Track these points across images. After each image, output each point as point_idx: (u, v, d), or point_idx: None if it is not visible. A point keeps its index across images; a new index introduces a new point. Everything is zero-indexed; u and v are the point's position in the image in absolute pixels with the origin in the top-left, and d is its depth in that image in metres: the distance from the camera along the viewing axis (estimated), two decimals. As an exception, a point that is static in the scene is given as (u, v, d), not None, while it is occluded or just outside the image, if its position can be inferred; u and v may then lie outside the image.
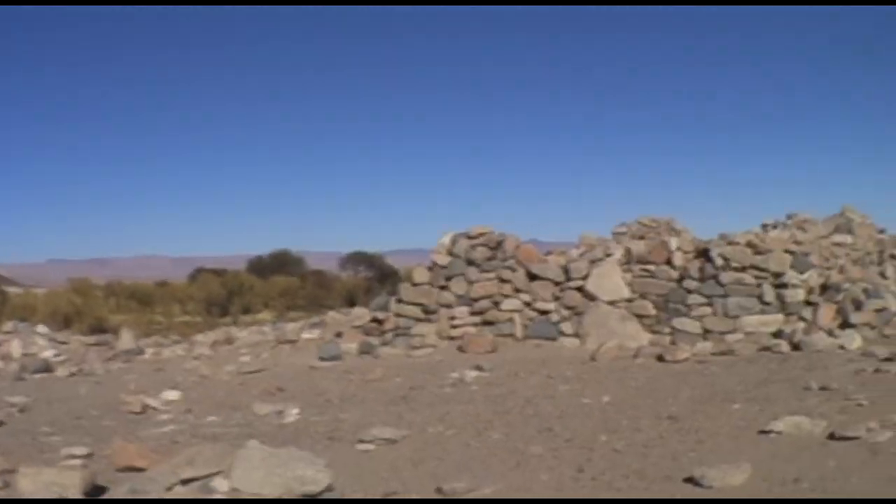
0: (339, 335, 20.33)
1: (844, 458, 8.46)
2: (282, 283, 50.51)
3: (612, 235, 24.36)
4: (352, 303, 35.43)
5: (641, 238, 22.55)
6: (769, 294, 17.87)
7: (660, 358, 16.01)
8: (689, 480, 7.95)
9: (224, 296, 47.40)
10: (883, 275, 21.72)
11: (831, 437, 9.35)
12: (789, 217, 22.82)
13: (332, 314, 23.78)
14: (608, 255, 19.53)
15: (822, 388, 12.13)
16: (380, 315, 20.24)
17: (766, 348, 16.30)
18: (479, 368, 15.66)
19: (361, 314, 21.48)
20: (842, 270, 19.20)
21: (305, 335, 21.08)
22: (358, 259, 58.56)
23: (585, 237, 22.17)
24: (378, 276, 50.81)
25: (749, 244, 18.27)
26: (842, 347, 15.71)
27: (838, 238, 21.91)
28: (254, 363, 18.24)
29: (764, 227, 21.86)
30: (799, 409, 10.72)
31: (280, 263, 58.70)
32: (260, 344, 21.05)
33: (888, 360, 14.05)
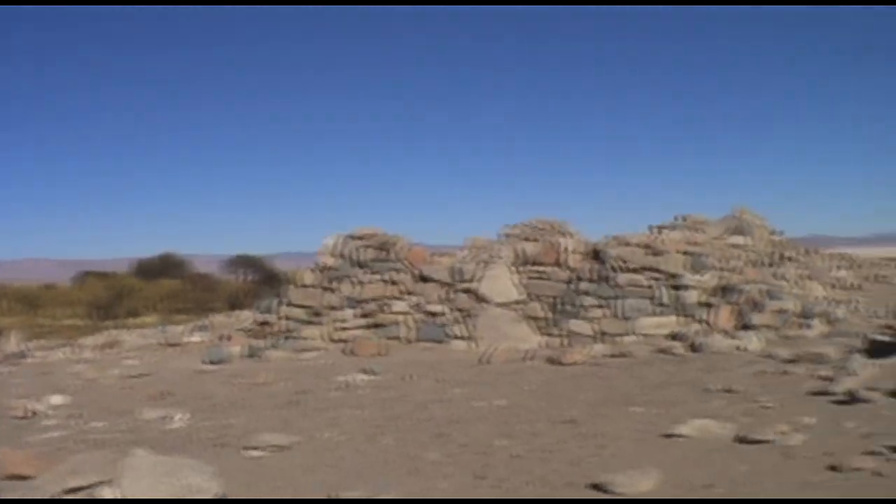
0: (225, 338, 19.55)
1: (756, 462, 8.07)
2: (167, 286, 49.67)
3: (501, 237, 23.95)
4: (236, 306, 35.05)
5: (528, 240, 22.08)
6: (665, 295, 17.49)
7: (553, 360, 15.45)
8: (596, 487, 7.45)
9: (110, 299, 45.73)
10: (777, 276, 21.45)
11: (740, 440, 8.96)
12: (677, 219, 22.71)
13: (217, 317, 23.08)
14: (494, 257, 19.01)
15: (725, 391, 11.79)
16: (266, 318, 19.57)
17: (663, 350, 15.85)
18: (368, 372, 15.08)
19: (248, 317, 20.78)
20: (738, 272, 18.88)
21: (191, 338, 20.38)
22: (242, 262, 57.62)
23: (473, 239, 21.64)
24: (262, 279, 50.19)
25: (644, 245, 17.92)
26: (741, 349, 15.36)
27: (734, 239, 21.75)
28: (140, 367, 17.48)
29: (651, 228, 21.62)
30: (703, 412, 10.34)
31: (165, 266, 57.79)
32: (146, 347, 20.26)
33: (790, 361, 13.78)
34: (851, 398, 10.44)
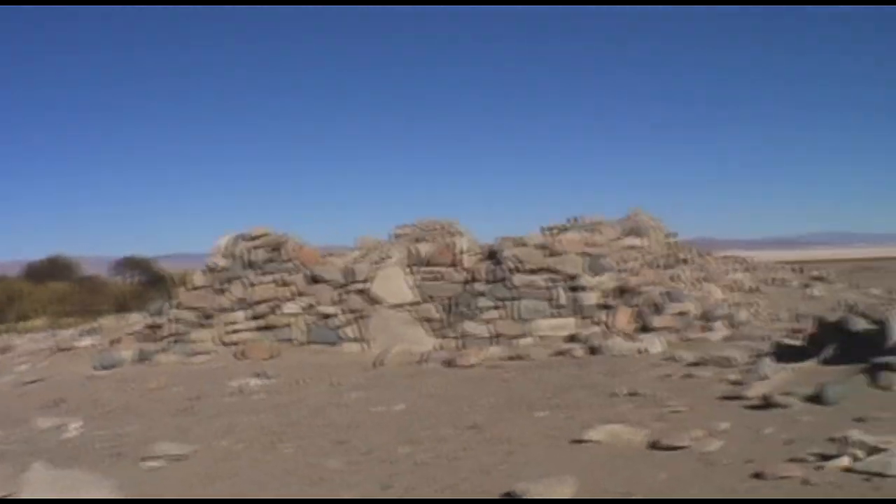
0: (115, 342, 18.82)
1: (675, 469, 7.68)
2: (56, 289, 47.65)
3: (392, 238, 23.47)
4: (123, 308, 34.18)
5: (419, 240, 21.57)
6: (563, 297, 17.08)
7: (449, 363, 15.04)
8: (509, 496, 7.01)
9: (1, 302, 43.97)
10: (674, 278, 21.18)
11: (654, 446, 8.59)
12: (570, 221, 22.33)
13: (106, 320, 22.17)
14: (385, 258, 18.50)
15: (631, 394, 11.44)
16: (157, 321, 18.82)
17: (562, 353, 15.46)
18: (261, 376, 14.56)
19: (137, 320, 19.95)
20: (635, 274, 18.54)
21: (82, 342, 19.58)
22: (129, 264, 56.82)
23: (363, 239, 21.07)
24: (149, 281, 49.26)
25: (542, 246, 17.52)
26: (643, 352, 15.03)
27: (630, 241, 21.45)
28: (32, 372, 17.09)
29: (544, 230, 21.28)
30: (611, 417, 10.00)
31: (54, 268, 56.12)
32: (38, 352, 19.66)
33: (696, 364, 13.48)
34: (766, 403, 10.10)
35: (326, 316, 17.83)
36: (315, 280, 18.09)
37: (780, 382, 11.22)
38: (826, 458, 7.59)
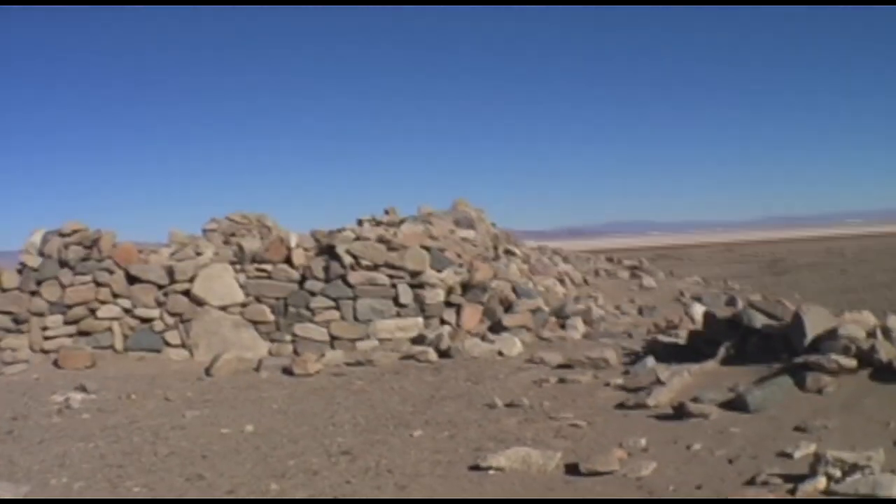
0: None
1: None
2: None
3: (203, 233, 21.91)
4: None
5: (234, 235, 19.92)
6: (406, 295, 15.73)
7: (288, 371, 13.49)
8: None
9: None
10: (504, 272, 20.02)
11: (573, 471, 7.42)
12: (386, 212, 20.99)
13: None
14: (199, 254, 16.79)
15: (510, 405, 10.31)
16: (-36, 326, 16.55)
17: (411, 357, 14.09)
18: (83, 389, 12.72)
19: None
20: (472, 268, 17.27)
21: None
22: None
23: (175, 234, 19.35)
24: None
25: (381, 240, 16.09)
26: (501, 354, 13.88)
27: (464, 233, 20.19)
28: None
29: (363, 222, 19.85)
30: (500, 435, 8.91)
31: None
32: None
33: (565, 367, 12.48)
34: (679, 413, 8.98)
35: (147, 320, 16.04)
36: (134, 280, 16.23)
37: (682, 388, 10.16)
38: (793, 479, 6.53)
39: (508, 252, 21.89)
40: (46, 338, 16.05)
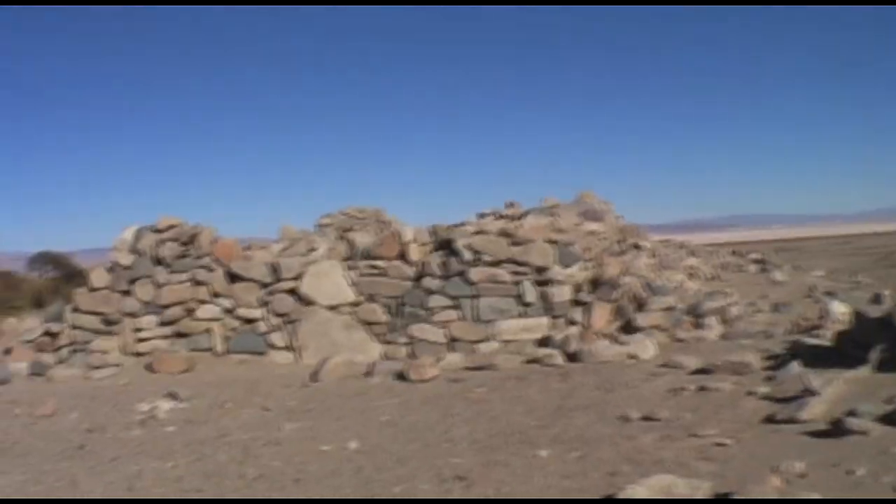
0: (7, 352, 16.23)
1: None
2: None
3: (317, 228, 21.25)
4: (41, 304, 33.41)
5: (350, 230, 19.13)
6: (530, 293, 14.78)
7: (402, 376, 12.60)
8: None
9: None
10: (632, 267, 18.93)
11: None
12: (507, 204, 20.02)
13: (11, 321, 19.25)
14: (312, 250, 16.14)
15: (646, 418, 9.24)
16: (54, 327, 16.15)
17: (536, 360, 13.11)
18: (173, 397, 12.03)
19: (33, 326, 16.97)
20: (600, 263, 16.24)
21: None
22: (44, 259, 56.56)
23: (286, 230, 18.64)
24: (65, 277, 48.32)
25: (503, 233, 15.13)
26: (633, 357, 12.82)
27: (590, 226, 19.16)
28: None
29: (483, 216, 18.92)
30: (635, 455, 7.86)
31: None
32: None
33: (704, 372, 11.39)
34: (836, 429, 7.86)
35: (250, 320, 15.42)
36: (235, 278, 15.60)
37: (836, 398, 9.01)
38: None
39: (636, 246, 20.97)
40: (139, 340, 15.60)
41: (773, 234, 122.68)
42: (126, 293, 15.88)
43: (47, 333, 16.16)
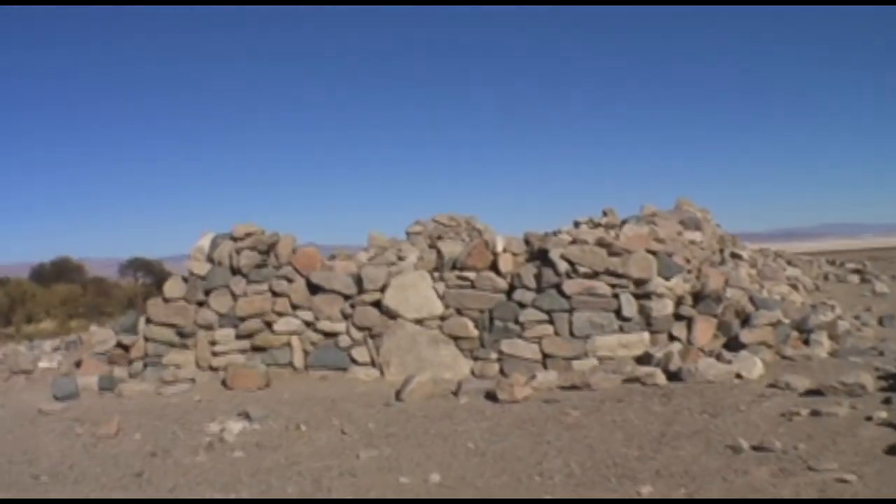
0: (78, 364, 15.80)
1: None
2: (63, 291, 47.94)
3: (407, 236, 20.64)
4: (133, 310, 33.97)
5: (439, 238, 18.45)
6: (629, 307, 13.94)
7: (491, 396, 11.87)
8: None
9: (7, 305, 44.33)
10: (734, 279, 18.04)
11: None
12: (604, 213, 19.27)
13: (93, 329, 18.80)
14: (401, 259, 15.52)
15: (758, 448, 8.50)
16: (126, 339, 15.62)
17: (635, 379, 12.29)
18: (246, 417, 11.43)
19: (105, 337, 16.44)
20: (700, 275, 15.40)
21: (47, 364, 16.64)
22: (136, 265, 57.64)
23: (375, 238, 18.04)
24: (157, 283, 49.02)
25: (601, 243, 14.30)
26: (739, 376, 11.98)
27: (689, 235, 18.33)
28: None
29: (577, 224, 18.17)
30: (751, 493, 7.18)
31: (61, 271, 57.76)
32: None
33: (815, 394, 10.58)
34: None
35: (331, 334, 14.75)
36: (316, 290, 14.93)
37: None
38: None
39: (735, 255, 20.04)
40: (215, 353, 15.04)
41: (863, 244, 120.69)
42: (201, 304, 15.36)
43: (120, 345, 15.68)
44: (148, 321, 15.45)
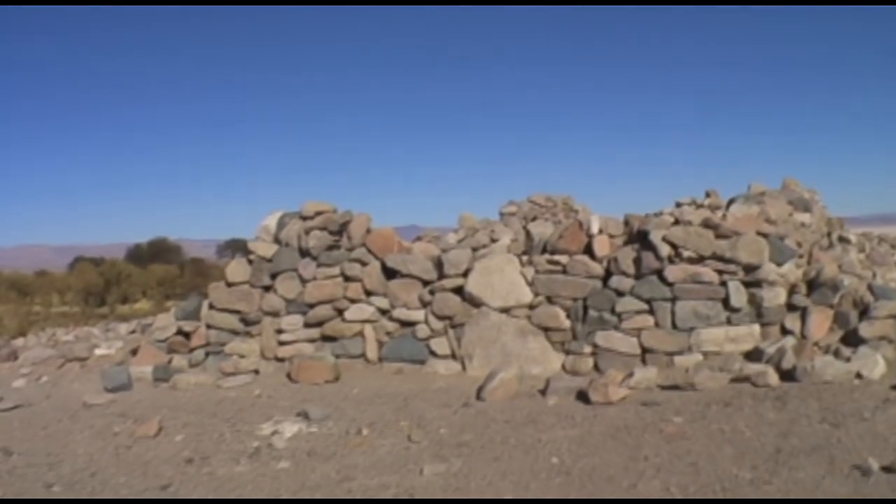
0: (135, 352, 15.11)
1: None
2: (160, 272, 50.35)
3: (500, 217, 19.68)
4: None
5: (534, 219, 17.38)
6: (738, 296, 12.68)
7: (583, 396, 10.79)
8: None
9: (102, 285, 46.65)
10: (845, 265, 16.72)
11: None
12: (707, 195, 17.99)
13: (162, 317, 18.04)
14: (494, 241, 14.49)
15: (889, 470, 7.29)
16: (187, 326, 14.89)
17: (744, 378, 11.09)
18: (305, 416, 10.50)
19: (166, 323, 15.66)
20: (811, 260, 14.13)
21: (100, 350, 16.12)
22: (235, 246, 59.04)
23: (465, 219, 17.05)
24: None
25: (707, 224, 13.06)
26: (860, 376, 10.73)
27: (799, 217, 17.00)
28: (18, 395, 13.35)
29: (679, 205, 16.95)
30: None
31: (158, 251, 60.72)
32: (49, 361, 15.95)
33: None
34: None
35: (408, 323, 13.80)
36: (392, 274, 13.99)
37: None
38: None
39: (843, 239, 18.68)
40: (281, 343, 14.20)
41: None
42: (267, 289, 14.52)
43: (180, 332, 14.92)
44: (210, 307, 14.69)
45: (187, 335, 14.78)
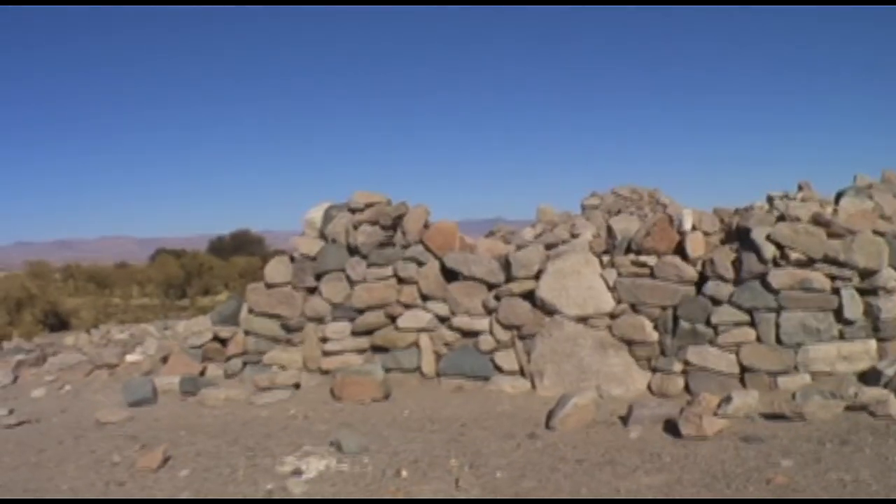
0: (165, 360, 14.03)
1: None
2: (241, 264, 50.08)
3: (582, 210, 18.19)
4: None
5: (619, 213, 15.80)
6: (853, 306, 11.07)
7: (672, 428, 9.30)
8: None
9: (183, 277, 46.93)
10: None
11: None
12: (799, 188, 16.29)
13: (199, 319, 16.82)
14: (574, 236, 13.04)
15: None
16: (223, 331, 13.73)
17: (861, 407, 9.54)
18: (337, 447, 9.05)
19: (201, 329, 14.42)
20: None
21: (131, 356, 14.83)
22: None
23: (544, 211, 15.57)
24: None
25: (817, 221, 11.40)
26: None
27: (903, 211, 15.24)
28: (32, 407, 12.28)
29: (771, 199, 15.29)
30: None
31: (241, 243, 61.44)
32: (76, 367, 14.74)
33: None
34: None
35: (470, 333, 12.36)
36: (453, 276, 12.58)
37: None
38: None
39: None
40: (326, 353, 12.91)
41: None
42: (312, 291, 13.21)
43: (216, 339, 13.78)
44: (249, 311, 13.43)
45: (224, 342, 13.64)
